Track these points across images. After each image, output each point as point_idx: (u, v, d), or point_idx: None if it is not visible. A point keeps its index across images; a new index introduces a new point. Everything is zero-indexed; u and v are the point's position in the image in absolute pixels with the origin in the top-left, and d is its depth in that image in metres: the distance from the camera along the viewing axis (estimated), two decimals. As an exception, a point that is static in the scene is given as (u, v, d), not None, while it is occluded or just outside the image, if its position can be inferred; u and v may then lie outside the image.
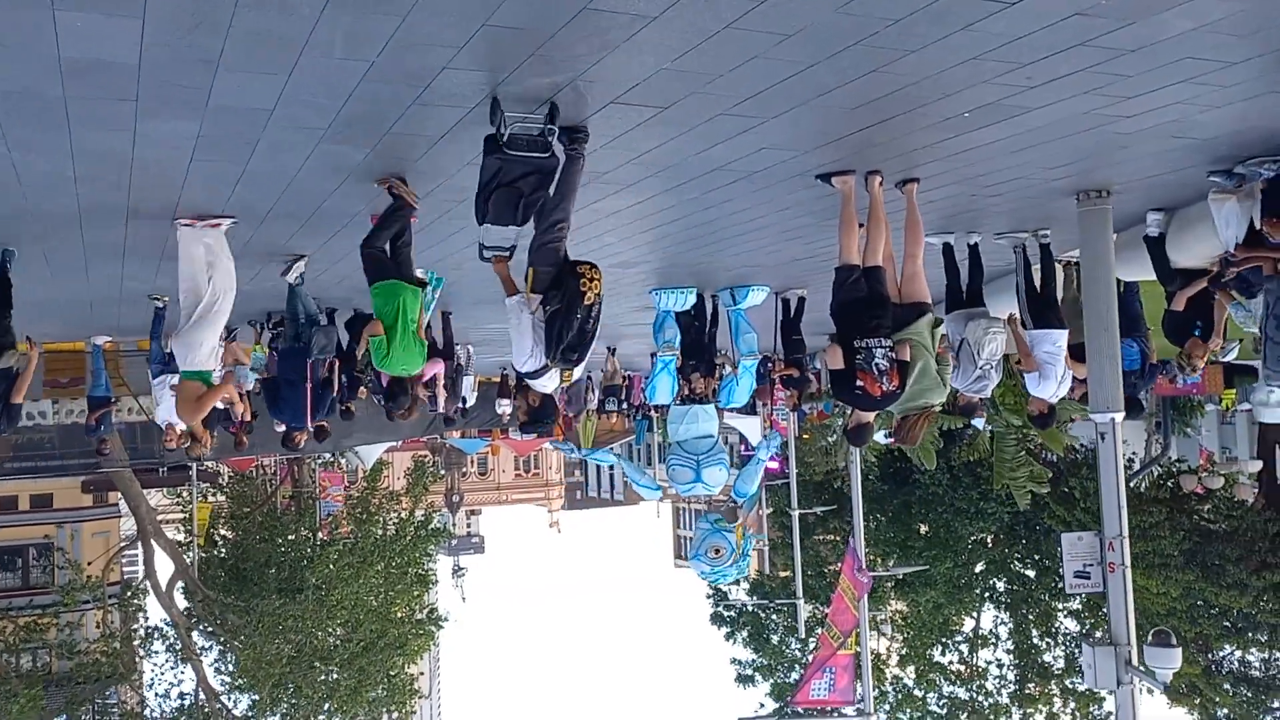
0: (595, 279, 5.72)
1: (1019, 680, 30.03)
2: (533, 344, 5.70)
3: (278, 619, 23.79)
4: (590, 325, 5.69)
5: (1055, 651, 30.15)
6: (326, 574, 24.95)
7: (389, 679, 26.34)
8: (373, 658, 25.77)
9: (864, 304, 6.49)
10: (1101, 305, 7.17)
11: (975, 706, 30.00)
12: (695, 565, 12.44)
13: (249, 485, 31.08)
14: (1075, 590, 10.01)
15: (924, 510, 28.59)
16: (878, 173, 6.64)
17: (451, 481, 54.49)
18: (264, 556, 25.57)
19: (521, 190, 5.39)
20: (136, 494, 24.22)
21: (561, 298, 5.64)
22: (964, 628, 30.81)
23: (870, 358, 6.31)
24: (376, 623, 26.06)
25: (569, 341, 5.63)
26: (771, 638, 30.20)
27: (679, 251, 9.45)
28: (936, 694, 30.08)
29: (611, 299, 12.89)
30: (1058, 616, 30.53)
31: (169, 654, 24.59)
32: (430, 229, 7.80)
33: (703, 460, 11.69)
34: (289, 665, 23.96)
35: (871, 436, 6.76)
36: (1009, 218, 8.31)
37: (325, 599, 24.55)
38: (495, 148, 5.13)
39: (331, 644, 25.46)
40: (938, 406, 6.87)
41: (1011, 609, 30.59)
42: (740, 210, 7.72)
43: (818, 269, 10.78)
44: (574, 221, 7.96)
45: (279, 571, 25.12)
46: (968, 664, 30.58)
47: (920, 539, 28.89)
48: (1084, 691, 29.21)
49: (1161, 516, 24.62)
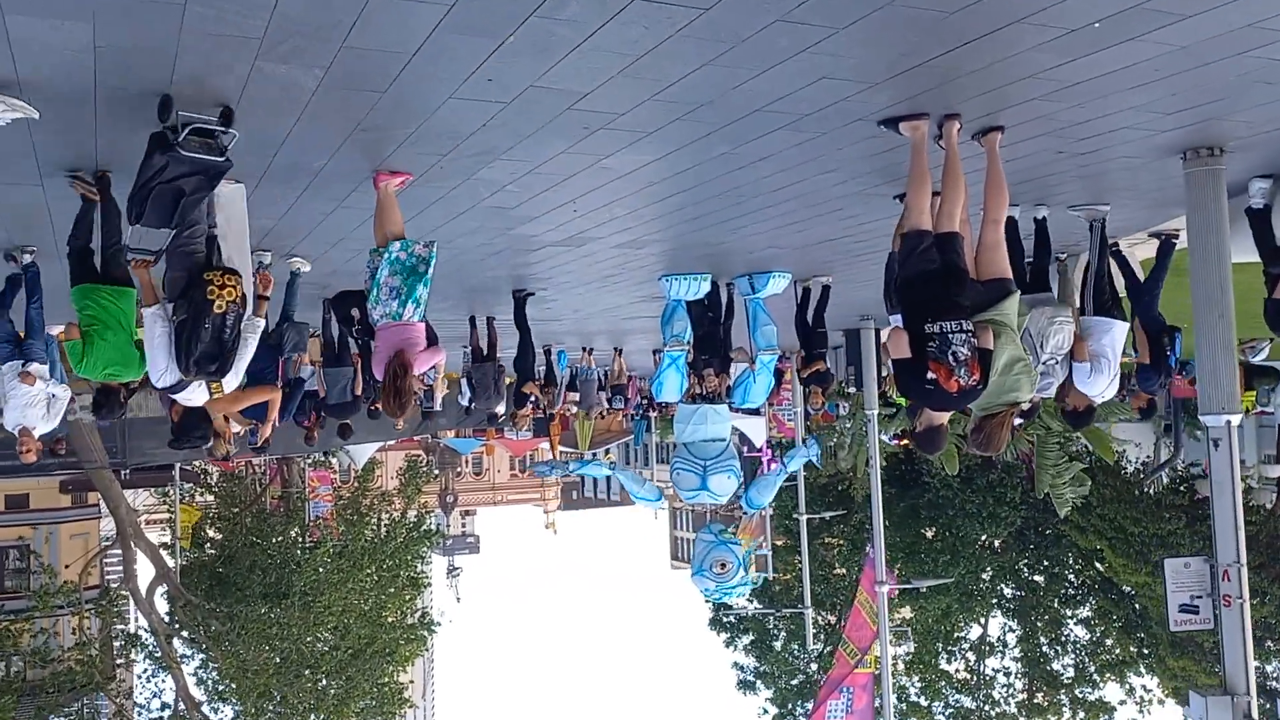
0: (227, 286, 5.28)
1: (1027, 689, 28.79)
2: (167, 356, 5.39)
3: (262, 625, 22.52)
4: (228, 334, 5.35)
5: (1065, 660, 28.93)
6: (314, 578, 23.65)
7: (379, 687, 25.07)
8: (362, 665, 24.56)
9: (938, 279, 5.15)
10: (1213, 286, 5.87)
11: (982, 716, 28.75)
12: (699, 582, 11.02)
13: (237, 485, 29.71)
14: (1181, 628, 8.68)
15: (933, 514, 27.29)
16: (956, 117, 5.31)
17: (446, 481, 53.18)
18: (249, 560, 24.24)
19: (183, 189, 5.07)
20: (116, 495, 22.86)
21: (188, 307, 5.25)
22: (971, 635, 29.58)
23: (945, 345, 4.97)
24: (366, 628, 24.84)
25: (203, 352, 5.29)
26: (774, 643, 28.92)
27: (695, 229, 8.09)
28: (943, 703, 28.82)
29: (615, 288, 11.61)
30: (1067, 624, 29.33)
31: (148, 662, 23.23)
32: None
33: (710, 466, 10.38)
34: (274, 674, 22.68)
35: (946, 443, 5.44)
36: (1088, 185, 6.97)
37: (313, 604, 23.25)
38: (165, 146, 4.80)
39: (319, 651, 24.16)
40: (1026, 404, 5.54)
41: (1020, 616, 29.34)
42: (776, 173, 6.37)
43: (849, 253, 9.46)
44: (580, 187, 6.74)
45: (264, 576, 23.80)
46: (974, 672, 29.34)
47: (928, 544, 27.61)
48: (1094, 701, 28.04)
49: (1181, 524, 23.38)
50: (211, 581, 24.39)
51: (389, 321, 6.10)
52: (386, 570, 26.17)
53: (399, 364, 5.95)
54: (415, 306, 6.12)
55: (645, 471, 51.04)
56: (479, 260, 9.29)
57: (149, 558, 23.47)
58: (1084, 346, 7.18)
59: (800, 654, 28.18)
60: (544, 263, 9.51)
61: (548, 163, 6.04)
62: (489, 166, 6.10)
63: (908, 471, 27.94)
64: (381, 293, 6.14)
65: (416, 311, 6.14)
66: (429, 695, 57.07)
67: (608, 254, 9.09)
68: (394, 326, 6.08)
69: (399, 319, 6.08)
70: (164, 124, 4.75)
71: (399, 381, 5.97)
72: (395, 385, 5.98)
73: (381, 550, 26.15)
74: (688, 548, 64.42)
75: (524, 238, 8.30)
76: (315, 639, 24.00)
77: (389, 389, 6.01)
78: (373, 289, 6.15)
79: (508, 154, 5.85)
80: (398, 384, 5.97)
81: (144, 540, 23.62)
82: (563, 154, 5.85)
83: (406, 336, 6.07)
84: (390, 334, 6.08)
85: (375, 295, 6.14)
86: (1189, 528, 23.51)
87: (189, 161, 4.88)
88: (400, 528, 27.18)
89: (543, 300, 11.83)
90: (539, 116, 5.17)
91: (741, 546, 10.92)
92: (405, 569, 26.81)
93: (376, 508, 27.57)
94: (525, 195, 6.82)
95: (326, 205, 6.90)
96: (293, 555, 24.54)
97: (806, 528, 22.51)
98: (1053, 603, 29.23)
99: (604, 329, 16.13)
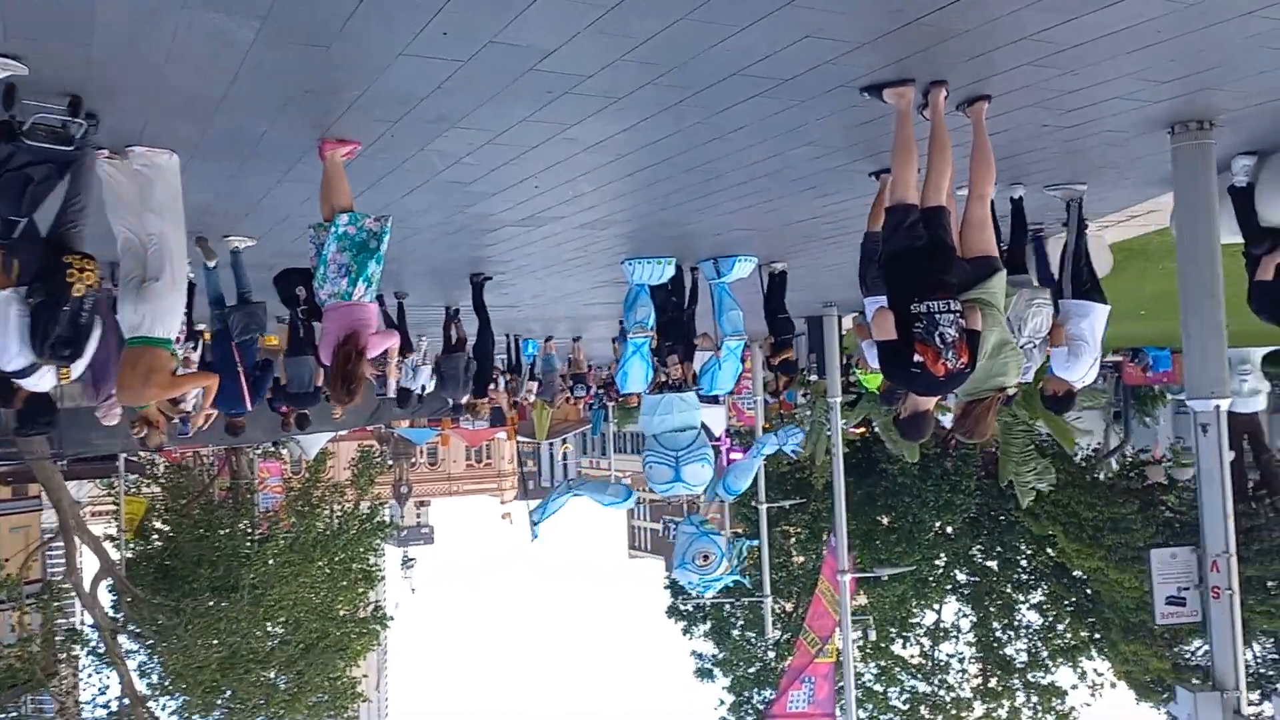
0: (86, 270, 5.16)
1: (982, 674, 28.83)
2: (19, 340, 5.19)
3: (210, 619, 21.87)
4: (84, 319, 5.23)
5: (1018, 645, 29.00)
6: (264, 571, 23.05)
7: (330, 682, 24.53)
8: (313, 660, 24.00)
9: (924, 255, 4.82)
10: (1202, 266, 5.60)
11: (937, 701, 28.74)
12: (682, 575, 10.66)
13: (185, 476, 28.93)
14: (1168, 622, 8.40)
15: (890, 502, 27.17)
16: (943, 84, 4.98)
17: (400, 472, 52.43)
18: (197, 553, 23.57)
19: (31, 177, 4.94)
20: (58, 486, 22.03)
21: (46, 289, 5.10)
22: (926, 620, 29.57)
23: (933, 326, 4.64)
24: (318, 622, 24.27)
25: (59, 336, 5.16)
26: (732, 631, 28.69)
27: (663, 208, 7.72)
28: (899, 688, 28.76)
29: (576, 272, 11.20)
30: (1020, 609, 29.40)
31: (91, 658, 22.49)
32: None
33: (683, 457, 10.04)
34: (222, 669, 22.07)
35: (931, 430, 5.12)
36: (1068, 163, 6.69)
37: (262, 598, 22.67)
38: (9, 135, 4.71)
39: (269, 646, 23.59)
40: (1013, 389, 5.23)
41: (973, 601, 29.36)
42: (750, 145, 6.00)
43: (817, 236, 9.14)
44: (542, 160, 6.34)
45: (212, 569, 23.15)
46: (929, 657, 29.33)
47: (884, 531, 27.50)
48: (1046, 685, 28.13)
49: (1134, 509, 23.42)
50: (158, 575, 23.69)
51: (338, 301, 5.68)
52: (338, 563, 25.60)
53: (350, 347, 5.52)
54: (367, 285, 5.70)
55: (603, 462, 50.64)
56: (433, 241, 8.86)
57: (93, 551, 22.71)
58: (1062, 331, 6.93)
59: (758, 642, 27.98)
60: (503, 244, 9.09)
61: (508, 132, 5.64)
62: (444, 136, 5.69)
63: (864, 459, 27.81)
64: (329, 270, 5.71)
65: (368, 291, 5.72)
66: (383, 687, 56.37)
67: (570, 235, 8.69)
68: (344, 307, 5.65)
69: (349, 299, 5.66)
70: (8, 113, 4.63)
71: (349, 366, 5.53)
72: (345, 370, 5.53)
73: (333, 543, 25.56)
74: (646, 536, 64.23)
75: (482, 216, 7.88)
76: (265, 633, 23.44)
77: (337, 373, 5.55)
78: (319, 266, 5.72)
79: (465, 121, 5.44)
80: (348, 368, 5.53)
81: (87, 533, 22.85)
82: (524, 122, 5.45)
83: (358, 317, 5.64)
84: (340, 315, 5.65)
85: (322, 273, 5.71)
86: (1141, 513, 23.57)
87: (35, 151, 4.82)
88: (353, 520, 26.60)
89: (500, 285, 11.41)
90: (498, 78, 4.77)
91: (723, 538, 10.61)
92: (358, 562, 26.26)
93: (328, 499, 26.97)
94: (483, 169, 6.42)
95: (269, 178, 6.45)
96: (241, 548, 23.93)
97: (765, 516, 22.24)
98: (1005, 588, 29.28)
99: (564, 315, 15.71)
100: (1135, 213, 8.50)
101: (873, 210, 6.76)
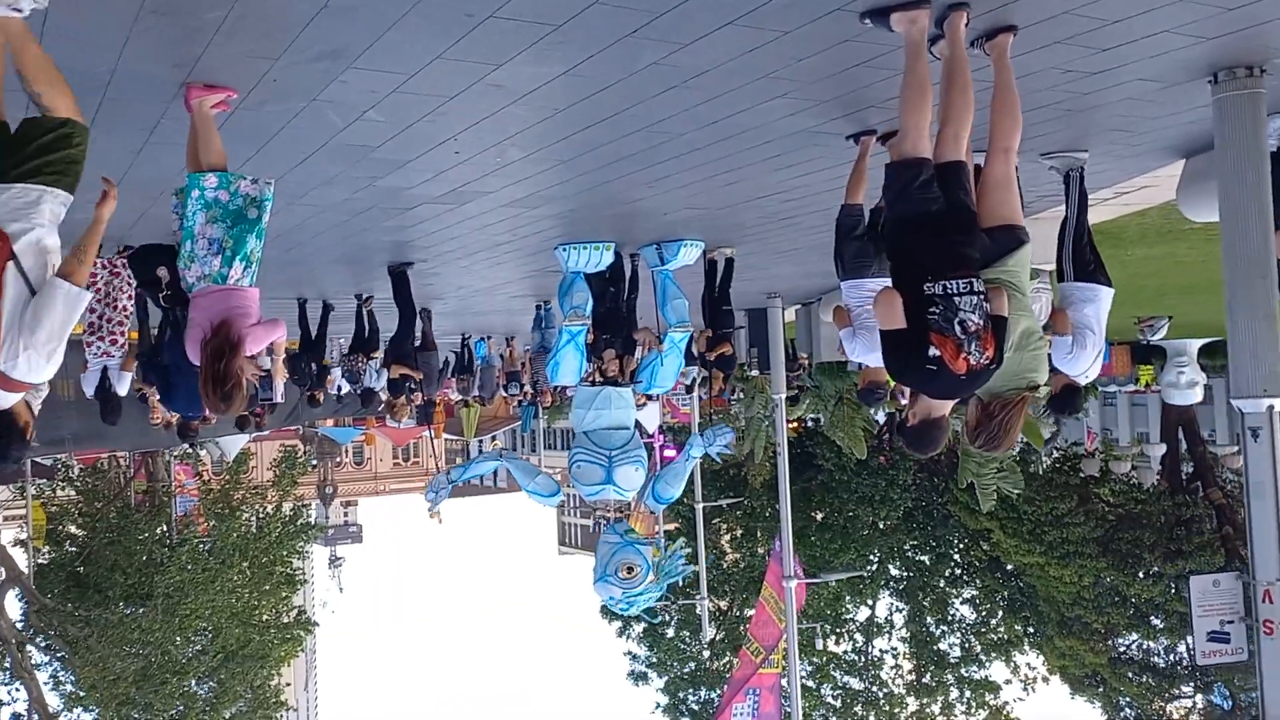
0: None
1: (915, 670, 28.20)
2: None
3: (124, 629, 20.50)
4: None
5: (951, 639, 28.42)
6: (179, 578, 21.64)
7: (253, 690, 23.19)
8: (234, 668, 22.73)
9: (940, 222, 3.76)
10: (1252, 239, 4.60)
11: (870, 697, 28.04)
12: (601, 590, 9.35)
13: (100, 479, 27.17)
14: (1210, 661, 7.38)
15: (825, 498, 26.34)
16: (963, 7, 3.92)
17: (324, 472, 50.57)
18: (110, 560, 22.04)
19: None
20: (-41, 492, 20.39)
21: None
22: (859, 616, 28.85)
23: (951, 311, 3.59)
24: (239, 629, 22.95)
25: None
26: (666, 631, 27.67)
27: (604, 180, 6.56)
28: (831, 685, 28.00)
29: (504, 259, 10.01)
30: (953, 604, 28.82)
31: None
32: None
33: (615, 458, 8.83)
34: (136, 680, 20.64)
35: (945, 440, 4.07)
36: (1073, 124, 5.66)
37: (178, 606, 21.29)
38: None
39: (187, 654, 22.19)
40: (1042, 389, 4.20)
41: (907, 596, 28.71)
42: (714, 97, 4.88)
43: (774, 217, 8.07)
44: (463, 116, 5.17)
45: (126, 576, 21.67)
46: (862, 653, 28.62)
47: (819, 528, 26.68)
48: (980, 680, 27.59)
49: (1074, 503, 22.84)
50: (69, 583, 22.23)
51: (210, 285, 4.47)
52: (260, 567, 24.27)
53: (224, 340, 4.29)
54: (245, 265, 4.49)
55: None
56: (340, 223, 7.62)
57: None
58: (1065, 318, 5.93)
59: (692, 641, 27.02)
60: (420, 225, 7.86)
61: (419, 76, 4.46)
62: (340, 81, 4.49)
63: (799, 454, 26.94)
64: (197, 247, 4.50)
65: (247, 272, 4.51)
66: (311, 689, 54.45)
67: (497, 214, 7.51)
68: (216, 292, 4.44)
69: (223, 281, 4.45)
70: None
71: (222, 364, 4.28)
72: (217, 369, 4.28)
73: (254, 546, 24.22)
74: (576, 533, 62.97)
75: (395, 191, 6.68)
76: (183, 641, 22.12)
77: (209, 374, 4.28)
78: (184, 242, 4.51)
79: (364, 60, 4.25)
80: (221, 367, 4.28)
81: (-10, 541, 21.17)
82: (438, 60, 4.27)
83: (234, 305, 4.42)
84: (211, 301, 4.43)
85: (190, 250, 4.49)
86: (1082, 506, 23.01)
87: None
88: (274, 522, 25.20)
89: (422, 275, 10.19)
90: (403, -9, 3.61)
91: (650, 549, 9.38)
92: (280, 565, 24.91)
93: (249, 501, 25.51)
94: (392, 128, 5.22)
95: (132, 138, 5.19)
96: (157, 553, 22.46)
97: (701, 515, 21.22)
98: (939, 583, 28.70)
99: (491, 309, 14.46)
100: (1125, 189, 7.56)
101: (851, 178, 5.72)
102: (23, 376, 3.51)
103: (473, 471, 8.94)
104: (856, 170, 5.70)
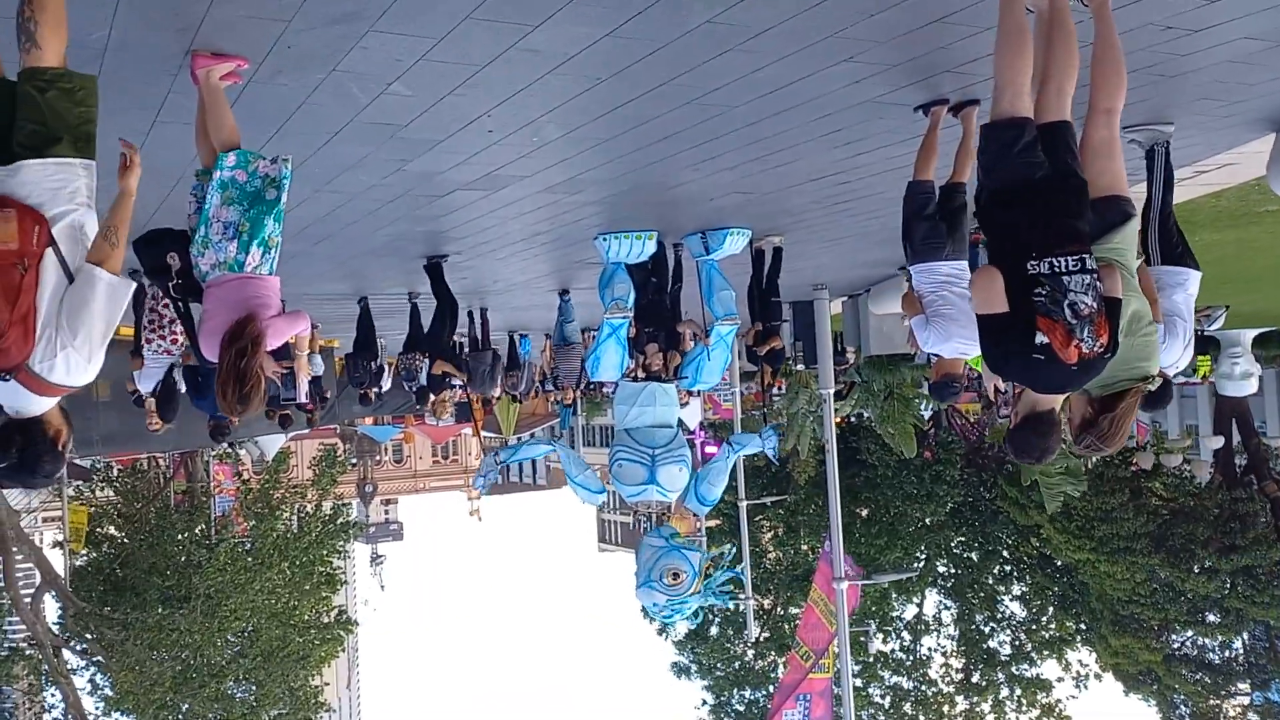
0: None
1: (964, 668, 27.59)
2: None
3: (162, 632, 20.22)
4: None
5: (1001, 637, 27.77)
6: (218, 579, 21.41)
7: (292, 692, 22.96)
8: (273, 669, 22.47)
9: (1047, 191, 3.28)
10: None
11: (920, 696, 27.45)
12: (644, 596, 8.84)
13: (140, 479, 27.09)
14: None
15: (870, 495, 25.77)
16: (1062, -56, 3.43)
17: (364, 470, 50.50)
18: (148, 562, 21.89)
19: None
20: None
21: None
22: (906, 614, 28.26)
23: (1061, 293, 3.13)
24: (278, 630, 22.70)
25: None
26: (711, 629, 27.22)
27: (648, 162, 6.10)
28: (880, 685, 27.44)
29: (542, 251, 9.59)
30: (1003, 601, 28.17)
31: (32, 677, 20.80)
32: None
33: (659, 456, 8.33)
34: (174, 685, 20.44)
35: (1058, 443, 3.57)
36: (1163, 91, 5.14)
37: (217, 607, 21.07)
38: None
39: (226, 657, 21.98)
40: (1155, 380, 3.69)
41: (955, 594, 28.08)
42: (772, 62, 4.40)
43: (828, 201, 7.57)
44: (496, 89, 4.73)
45: (164, 578, 21.50)
46: (910, 652, 28.02)
47: (864, 524, 26.11)
48: (1031, 678, 26.93)
49: (1125, 498, 22.15)
50: (106, 586, 22.06)
51: (225, 274, 4.05)
52: (300, 567, 24.02)
53: (244, 334, 3.85)
54: (263, 251, 4.06)
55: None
56: (374, 211, 7.20)
57: (34, 562, 20.97)
58: (1155, 305, 5.39)
59: (736, 640, 26.55)
60: (454, 214, 7.43)
61: (446, 41, 4.02)
62: (361, 47, 4.06)
63: (843, 450, 26.37)
64: (211, 231, 4.07)
65: (265, 259, 4.08)
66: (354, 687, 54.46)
67: (533, 201, 7.07)
68: (233, 281, 4.02)
69: (240, 269, 4.03)
70: None
71: (242, 361, 3.84)
72: (237, 367, 3.84)
73: (294, 546, 23.98)
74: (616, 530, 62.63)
75: (426, 176, 6.25)
76: (222, 644, 21.89)
77: (227, 372, 3.85)
78: (199, 226, 4.09)
79: (384, 21, 3.82)
80: (241, 365, 3.84)
81: (27, 543, 21.07)
82: (467, 21, 3.83)
83: (252, 294, 3.99)
84: (227, 292, 4.01)
85: (203, 235, 4.08)
86: (1131, 502, 22.33)
87: None
88: (314, 521, 24.96)
89: (456, 268, 9.77)
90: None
91: (695, 553, 8.87)
92: (320, 565, 24.68)
93: (289, 501, 25.29)
94: (420, 103, 4.79)
95: (139, 118, 4.78)
96: (195, 555, 22.28)
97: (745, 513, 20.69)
98: (988, 579, 28.05)
99: (531, 303, 14.03)
100: (1207, 166, 6.99)
101: (921, 151, 5.22)
102: (60, 380, 3.11)
103: (523, 454, 8.56)
104: (926, 143, 5.21)
